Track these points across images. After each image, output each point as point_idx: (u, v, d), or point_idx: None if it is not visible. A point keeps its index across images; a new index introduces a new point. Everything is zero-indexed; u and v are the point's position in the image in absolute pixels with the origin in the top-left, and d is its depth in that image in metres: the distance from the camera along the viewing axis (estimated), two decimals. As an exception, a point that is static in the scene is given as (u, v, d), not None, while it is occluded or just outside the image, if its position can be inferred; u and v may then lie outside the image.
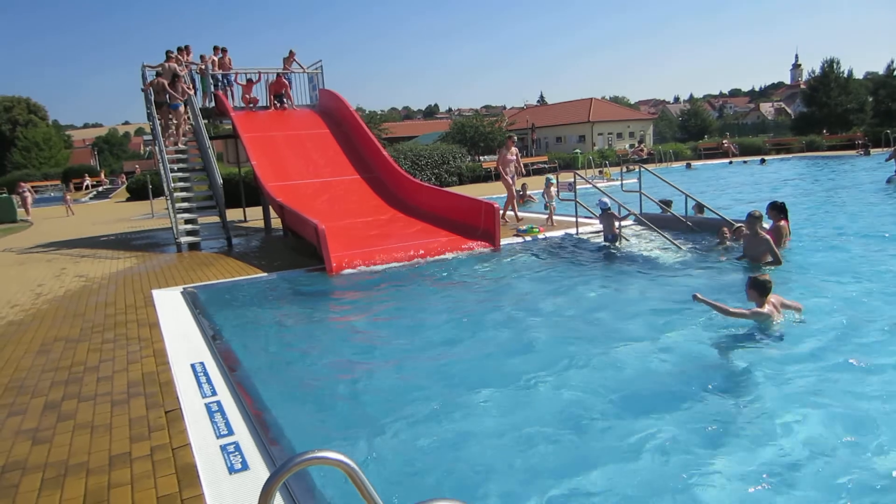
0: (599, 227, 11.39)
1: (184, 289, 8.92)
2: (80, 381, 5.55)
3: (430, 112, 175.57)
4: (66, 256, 13.46)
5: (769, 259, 8.27)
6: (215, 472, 3.74)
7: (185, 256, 12.20)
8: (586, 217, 12.15)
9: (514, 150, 13.97)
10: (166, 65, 15.45)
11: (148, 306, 8.13)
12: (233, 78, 17.45)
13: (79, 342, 6.75)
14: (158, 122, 14.84)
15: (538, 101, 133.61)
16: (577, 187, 11.98)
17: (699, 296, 6.05)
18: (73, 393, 5.26)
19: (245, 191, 19.08)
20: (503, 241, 11.22)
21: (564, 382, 5.04)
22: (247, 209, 19.27)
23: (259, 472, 3.73)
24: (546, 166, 32.44)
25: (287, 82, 17.33)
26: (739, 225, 9.59)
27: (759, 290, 6.02)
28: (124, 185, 38.38)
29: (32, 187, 39.44)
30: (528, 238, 11.56)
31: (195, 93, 16.45)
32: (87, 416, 4.75)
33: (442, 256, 10.25)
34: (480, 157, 38.29)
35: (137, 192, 31.47)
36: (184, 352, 6.09)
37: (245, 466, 3.80)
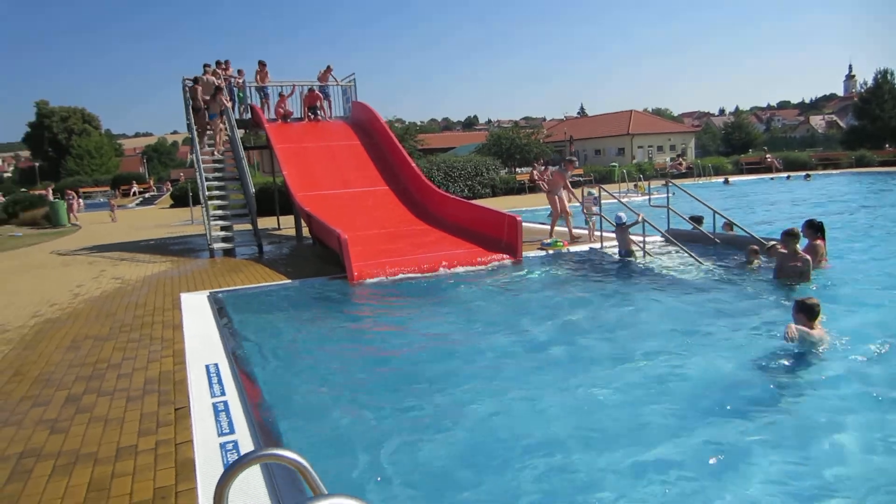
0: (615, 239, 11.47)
1: (210, 293, 9.26)
2: (102, 376, 5.86)
3: (470, 123, 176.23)
4: (107, 259, 14.03)
5: (801, 279, 8.11)
6: (211, 468, 3.94)
7: (216, 262, 12.60)
8: (611, 231, 12.15)
9: (569, 172, 13.42)
10: (205, 77, 16.04)
11: (175, 309, 8.47)
12: (270, 90, 18.00)
13: (106, 340, 7.10)
14: (195, 127, 15.49)
15: (578, 114, 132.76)
16: (605, 201, 12.00)
17: (793, 330, 5.69)
18: (94, 388, 5.56)
19: (279, 200, 19.55)
20: (526, 254, 11.32)
21: (574, 398, 5.05)
22: (280, 217, 19.73)
23: (251, 469, 3.91)
24: (581, 179, 32.28)
25: (321, 95, 17.77)
26: (774, 243, 9.49)
27: (808, 313, 5.87)
28: (169, 192, 39.57)
29: (83, 193, 41.16)
30: (551, 252, 11.62)
31: (233, 105, 17.03)
32: (103, 410, 5.02)
33: (463, 268, 10.38)
34: (518, 169, 38.28)
35: (180, 199, 32.43)
36: (201, 353, 6.36)
37: (240, 462, 3.98)
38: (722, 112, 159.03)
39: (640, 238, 11.01)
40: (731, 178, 32.65)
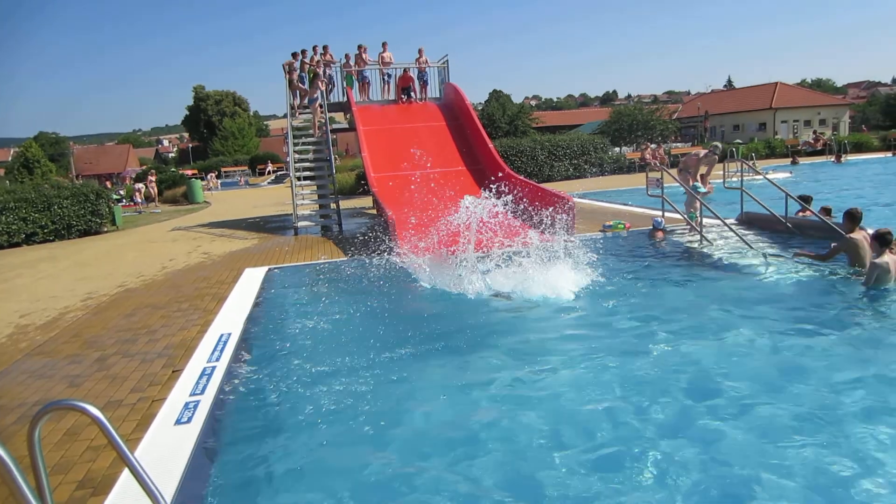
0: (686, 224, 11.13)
1: (269, 268, 10.06)
2: (135, 341, 6.72)
3: (608, 98, 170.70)
4: (208, 235, 15.49)
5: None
6: (164, 422, 4.53)
7: (297, 240, 13.55)
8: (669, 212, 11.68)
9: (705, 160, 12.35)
10: (304, 60, 17.17)
11: (232, 282, 9.30)
12: (367, 73, 18.81)
13: (159, 309, 8.03)
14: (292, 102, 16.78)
15: (725, 86, 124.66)
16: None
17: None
18: (124, 350, 6.41)
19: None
20: (584, 237, 11.19)
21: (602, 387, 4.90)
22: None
23: (196, 426, 4.44)
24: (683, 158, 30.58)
25: (413, 77, 18.26)
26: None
27: (879, 240, 6.78)
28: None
29: (224, 172, 44.93)
30: (610, 234, 11.40)
31: (333, 88, 18.05)
32: (118, 370, 5.81)
33: (512, 249, 10.46)
34: (651, 145, 36.65)
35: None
36: (224, 323, 7.06)
37: (188, 420, 4.54)
38: (895, 81, 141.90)
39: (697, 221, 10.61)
40: (848, 157, 29.61)
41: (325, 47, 18.40)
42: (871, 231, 7.50)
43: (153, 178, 29.12)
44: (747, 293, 7.39)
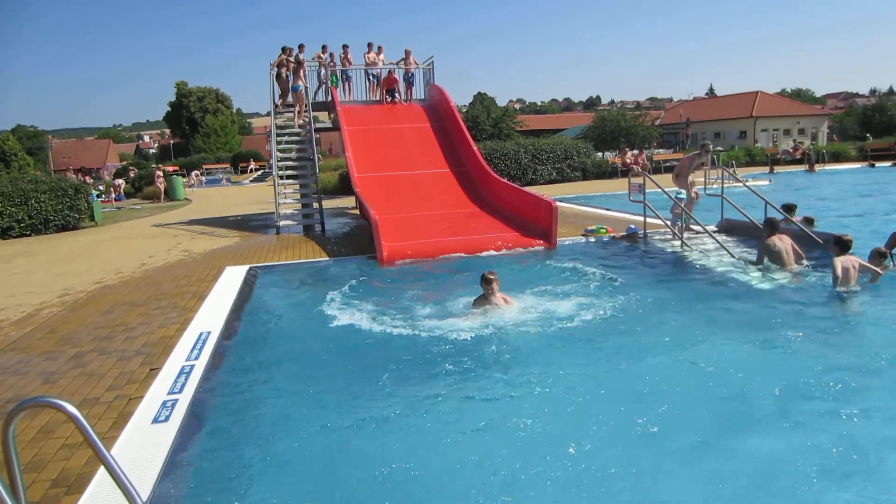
0: (667, 230, 11.28)
1: (250, 267, 9.98)
2: (113, 338, 6.63)
3: (591, 104, 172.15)
4: (189, 233, 15.35)
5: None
6: (142, 421, 4.48)
7: (278, 238, 13.45)
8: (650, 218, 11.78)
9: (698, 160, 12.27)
10: (289, 59, 17.04)
11: (213, 281, 9.21)
12: (352, 73, 18.74)
13: (137, 307, 7.94)
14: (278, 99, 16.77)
15: (707, 94, 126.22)
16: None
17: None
18: (101, 348, 6.32)
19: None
20: (566, 241, 11.26)
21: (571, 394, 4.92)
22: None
23: (174, 424, 4.40)
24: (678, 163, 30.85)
25: (397, 78, 18.23)
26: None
27: (841, 246, 7.19)
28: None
29: (206, 169, 44.56)
30: (592, 239, 11.47)
31: (321, 87, 17.95)
32: (94, 367, 5.74)
33: (495, 252, 10.50)
34: (631, 151, 36.83)
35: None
36: (203, 321, 6.99)
37: (166, 419, 4.49)
38: (873, 93, 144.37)
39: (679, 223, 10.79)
40: (823, 167, 30.38)
41: (323, 47, 18.29)
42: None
43: (160, 174, 29.28)
44: (725, 299, 7.49)
